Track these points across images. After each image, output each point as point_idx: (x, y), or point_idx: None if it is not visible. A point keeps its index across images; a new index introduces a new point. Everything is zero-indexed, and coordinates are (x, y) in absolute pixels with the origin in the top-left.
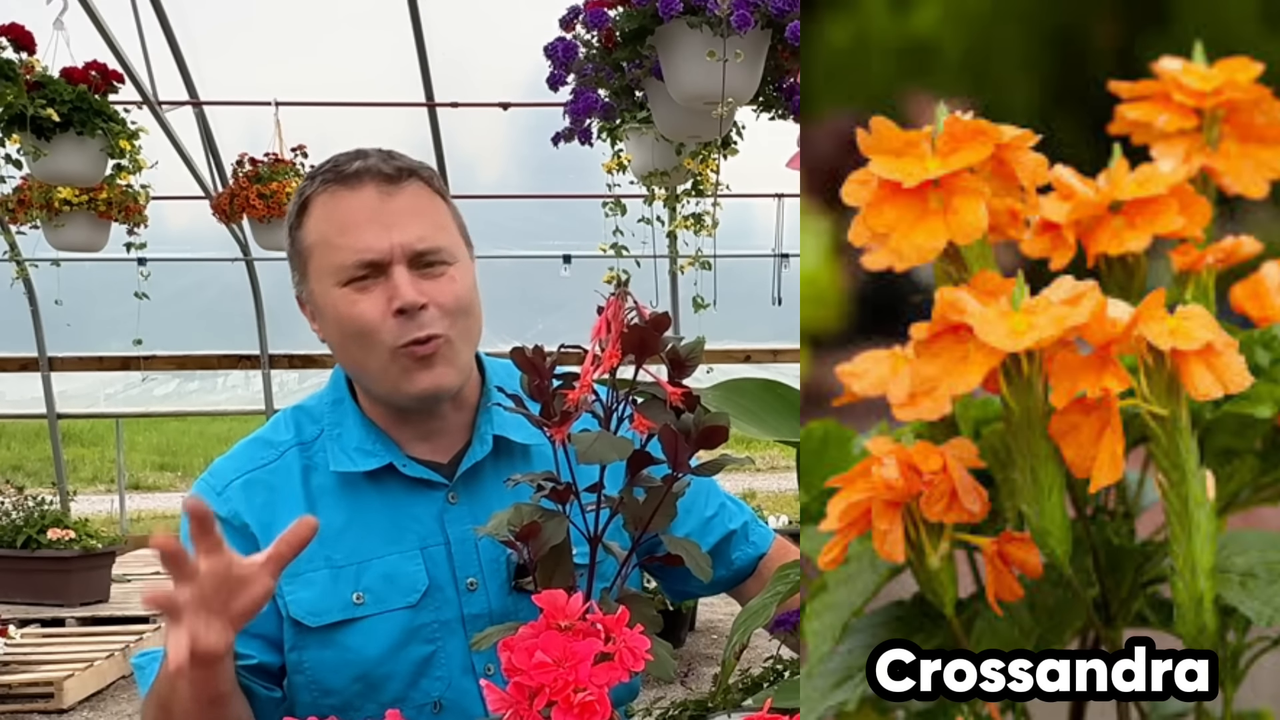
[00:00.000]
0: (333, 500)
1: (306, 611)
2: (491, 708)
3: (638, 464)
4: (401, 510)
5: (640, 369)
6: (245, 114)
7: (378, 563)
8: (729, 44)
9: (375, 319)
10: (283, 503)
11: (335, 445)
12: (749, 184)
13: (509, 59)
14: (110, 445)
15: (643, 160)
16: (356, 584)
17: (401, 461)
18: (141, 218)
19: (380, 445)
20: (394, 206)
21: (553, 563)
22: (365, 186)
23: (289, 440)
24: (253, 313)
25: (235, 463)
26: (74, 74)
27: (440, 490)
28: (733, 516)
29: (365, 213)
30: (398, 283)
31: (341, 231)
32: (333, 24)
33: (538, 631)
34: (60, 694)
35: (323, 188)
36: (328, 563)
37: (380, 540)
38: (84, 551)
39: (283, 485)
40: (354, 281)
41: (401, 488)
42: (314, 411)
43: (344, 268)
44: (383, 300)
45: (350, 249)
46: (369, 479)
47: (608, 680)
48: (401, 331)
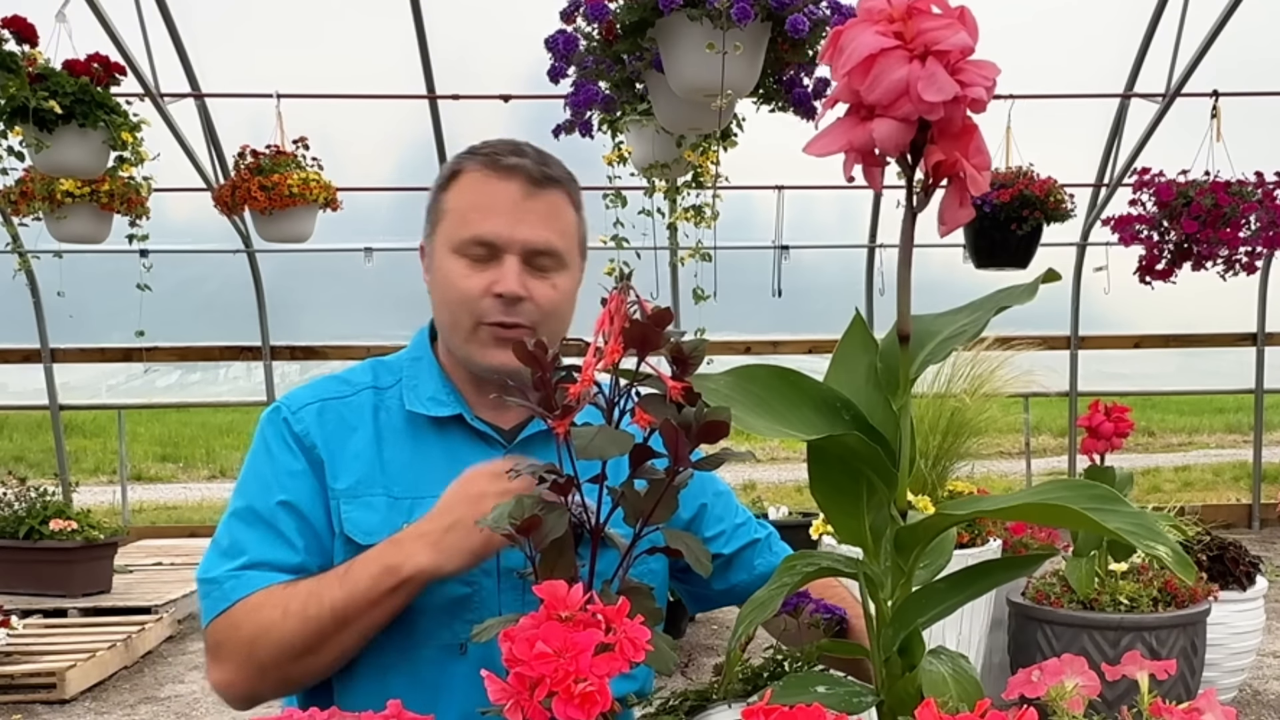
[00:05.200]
0: (399, 438)
1: (361, 530)
2: (492, 698)
3: (640, 459)
4: (461, 458)
5: (642, 363)
6: (247, 106)
7: (431, 500)
8: (729, 37)
9: (476, 294)
10: (351, 432)
11: (411, 392)
12: (749, 176)
13: (510, 51)
14: (112, 436)
15: (643, 152)
16: (410, 516)
17: (469, 415)
18: (143, 209)
19: (453, 398)
20: (531, 205)
21: (554, 555)
22: (514, 180)
23: (365, 382)
24: (254, 304)
25: (312, 390)
26: (76, 66)
27: (498, 449)
28: (758, 529)
29: (505, 203)
30: (507, 270)
31: (478, 209)
32: (334, 17)
33: (538, 622)
34: (63, 684)
35: (478, 166)
36: (386, 492)
37: (437, 481)
38: (86, 542)
39: (353, 417)
40: (470, 253)
41: (464, 438)
42: (392, 365)
43: (466, 241)
44: (488, 280)
45: (479, 227)
46: (435, 425)
47: (608, 671)
48: (495, 311)
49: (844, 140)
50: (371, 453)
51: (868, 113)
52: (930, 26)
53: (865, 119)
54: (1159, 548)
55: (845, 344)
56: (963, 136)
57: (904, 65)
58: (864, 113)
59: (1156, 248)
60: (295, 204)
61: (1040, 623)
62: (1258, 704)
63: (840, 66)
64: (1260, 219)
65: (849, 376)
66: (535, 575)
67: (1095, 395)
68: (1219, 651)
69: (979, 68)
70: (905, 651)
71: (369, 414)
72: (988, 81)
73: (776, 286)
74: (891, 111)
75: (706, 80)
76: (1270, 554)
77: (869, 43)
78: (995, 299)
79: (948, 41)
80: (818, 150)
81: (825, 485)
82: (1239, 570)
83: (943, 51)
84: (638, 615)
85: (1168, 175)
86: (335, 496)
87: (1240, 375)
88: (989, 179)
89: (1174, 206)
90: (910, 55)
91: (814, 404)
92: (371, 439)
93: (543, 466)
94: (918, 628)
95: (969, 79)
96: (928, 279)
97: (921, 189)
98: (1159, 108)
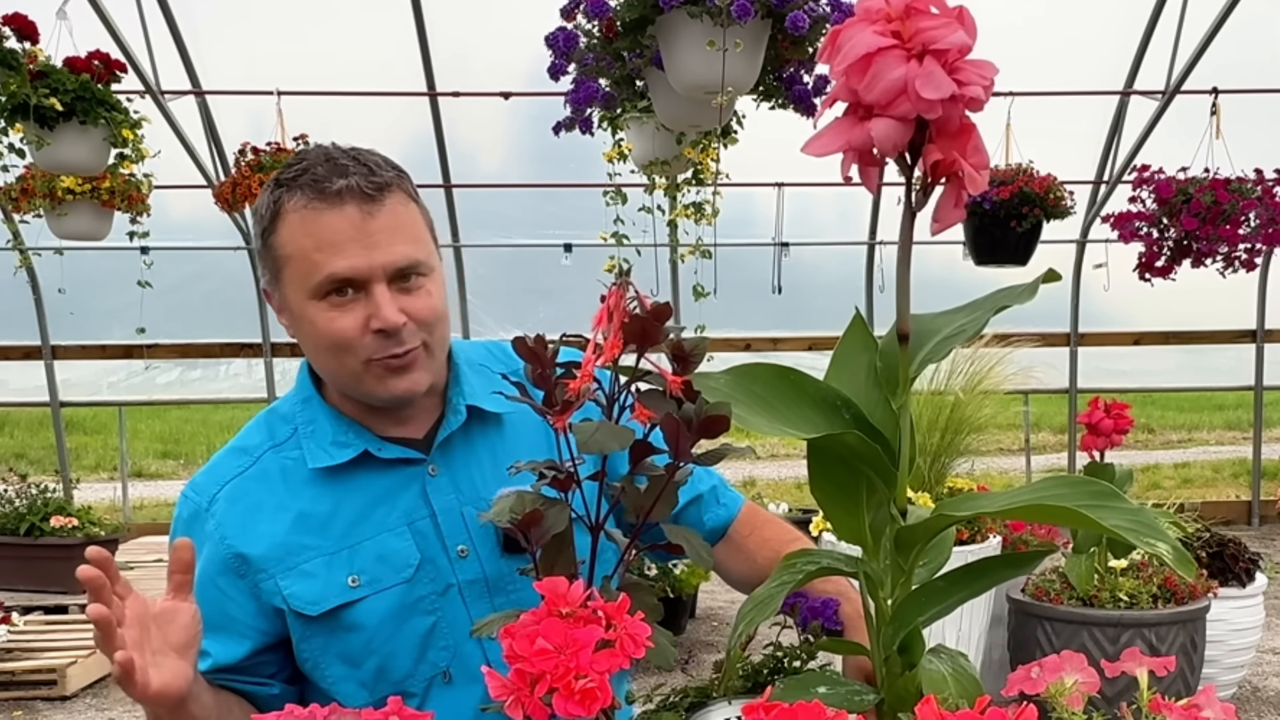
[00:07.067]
0: (315, 492)
1: (306, 602)
2: (493, 694)
3: (640, 454)
4: (383, 490)
5: (642, 358)
6: (247, 103)
7: (368, 544)
8: (729, 34)
9: (353, 335)
10: (262, 505)
11: (310, 442)
12: (749, 173)
13: (510, 48)
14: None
15: (643, 149)
16: (350, 568)
17: (376, 446)
18: (144, 207)
19: (354, 435)
20: (376, 225)
21: (554, 550)
22: (347, 205)
23: (263, 444)
24: (255, 301)
25: (215, 475)
26: (77, 63)
27: (419, 466)
28: (700, 479)
29: (348, 232)
30: (379, 303)
31: (321, 248)
32: (334, 14)
33: (539, 618)
34: (63, 681)
35: (303, 201)
36: (319, 552)
37: (367, 523)
38: (87, 539)
39: (260, 490)
40: (331, 295)
41: (381, 470)
42: (284, 413)
43: (322, 284)
44: (362, 318)
45: (330, 267)
46: (348, 467)
47: (608, 667)
48: (379, 347)
49: (842, 140)
50: (290, 518)
51: (866, 112)
52: (928, 25)
53: (863, 118)
54: (1158, 544)
55: (845, 343)
56: (961, 135)
57: (902, 64)
58: (862, 112)
59: (1156, 245)
60: None
61: (1040, 619)
62: (1257, 700)
63: (838, 66)
64: (1260, 216)
65: (849, 375)
66: (536, 572)
67: (1095, 392)
68: (1218, 648)
69: (977, 67)
70: (905, 650)
71: (277, 479)
72: (985, 81)
73: (776, 283)
74: (890, 110)
75: (707, 77)
76: (1270, 551)
77: (867, 42)
78: (995, 299)
79: (945, 40)
80: (816, 150)
81: (825, 484)
82: (1238, 567)
83: (940, 50)
84: (638, 611)
85: (1167, 172)
86: (269, 576)
87: (1240, 372)
88: (987, 178)
89: (1173, 203)
90: (908, 54)
91: (814, 403)
92: (286, 504)
93: (542, 464)
94: (917, 626)
95: (967, 78)
96: (928, 276)
97: (920, 188)
98: (1158, 105)
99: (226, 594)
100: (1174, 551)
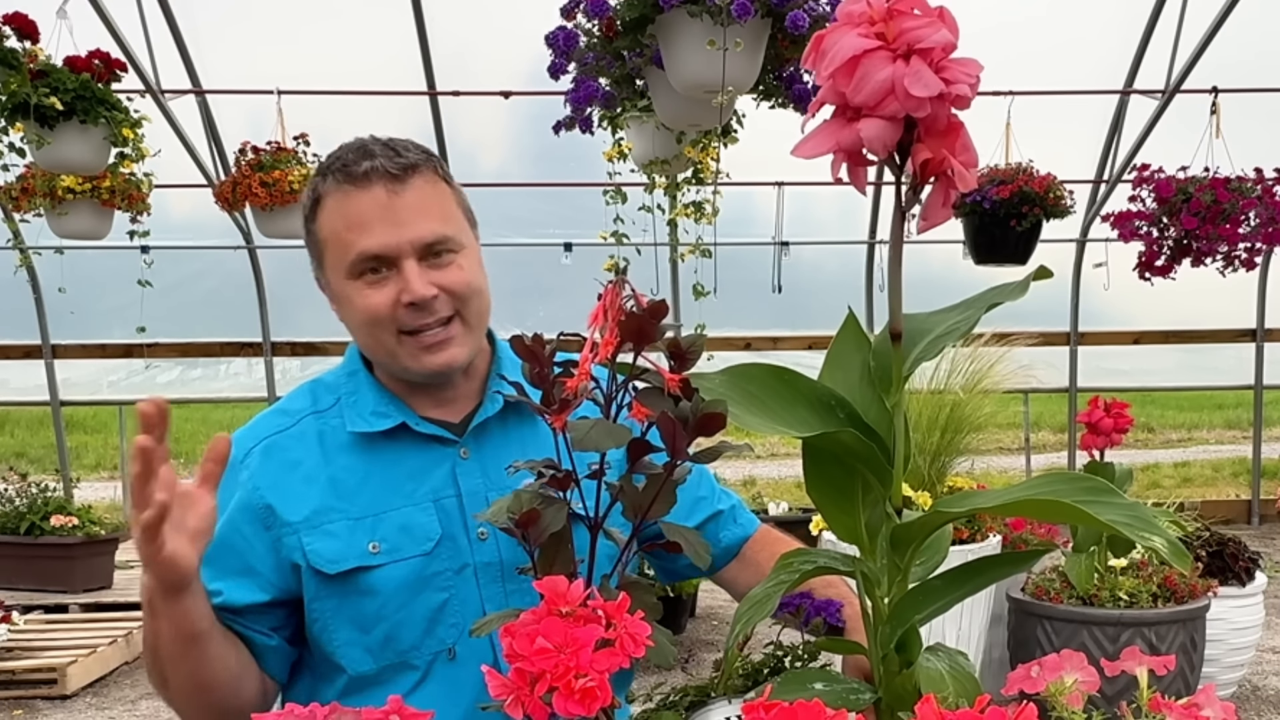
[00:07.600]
0: (349, 458)
1: (325, 560)
2: (493, 693)
3: (638, 452)
4: (415, 465)
5: (639, 356)
6: (248, 102)
7: (393, 514)
8: (729, 33)
9: (386, 310)
10: (298, 465)
11: (352, 410)
12: (749, 172)
13: (510, 48)
14: (113, 432)
15: (643, 148)
16: (373, 534)
17: (414, 421)
18: (144, 206)
19: (394, 408)
20: (402, 203)
21: (553, 549)
22: (374, 186)
23: (305, 409)
24: (255, 300)
25: (254, 431)
26: (77, 62)
27: (452, 446)
28: (721, 498)
29: (376, 211)
30: (408, 277)
31: (352, 228)
32: (335, 14)
33: (539, 617)
34: (64, 680)
35: (335, 186)
36: (345, 515)
37: (395, 493)
38: (87, 538)
39: (297, 449)
40: (366, 274)
41: (415, 444)
42: (330, 384)
43: (356, 262)
44: (394, 292)
45: (361, 245)
46: (384, 437)
47: (608, 666)
48: (412, 320)
49: (832, 141)
50: (323, 480)
51: (854, 114)
52: (912, 26)
53: (852, 119)
54: (1154, 538)
55: (839, 343)
56: (949, 134)
57: (888, 65)
58: (850, 114)
59: (1156, 244)
60: (296, 200)
61: (1040, 618)
62: (1257, 699)
63: (824, 69)
64: (1259, 215)
65: (843, 375)
66: (535, 570)
67: (1095, 391)
68: (1218, 647)
69: (962, 65)
70: (902, 648)
71: (314, 441)
72: (971, 78)
73: (776, 282)
74: (878, 111)
75: (707, 76)
76: (1269, 550)
77: (853, 44)
78: (987, 296)
79: (930, 39)
80: (806, 152)
81: (821, 483)
82: (1238, 566)
83: (926, 49)
84: (638, 610)
85: (1167, 171)
86: (294, 531)
87: (1240, 371)
88: (976, 176)
89: (1173, 203)
90: (894, 55)
91: (809, 402)
92: (320, 466)
93: (541, 462)
94: (914, 624)
95: (953, 76)
96: (927, 275)
97: (910, 188)
98: (1158, 104)
99: (250, 541)
100: (1169, 545)
